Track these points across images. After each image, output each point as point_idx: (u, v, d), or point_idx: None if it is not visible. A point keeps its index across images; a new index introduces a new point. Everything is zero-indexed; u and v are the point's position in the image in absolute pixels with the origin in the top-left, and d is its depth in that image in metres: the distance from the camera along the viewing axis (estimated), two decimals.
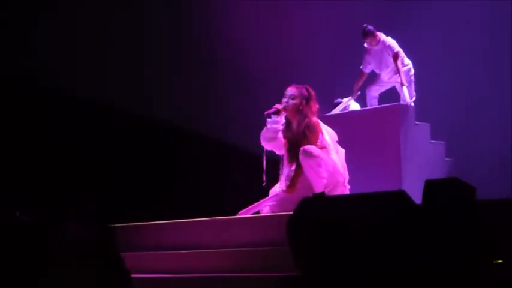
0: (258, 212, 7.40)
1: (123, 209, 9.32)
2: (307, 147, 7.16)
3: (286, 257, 5.00)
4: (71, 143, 10.60)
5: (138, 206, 9.86)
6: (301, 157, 7.17)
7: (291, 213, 4.90)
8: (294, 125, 7.39)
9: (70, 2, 10.89)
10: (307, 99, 7.43)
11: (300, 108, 7.40)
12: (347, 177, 7.40)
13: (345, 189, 7.31)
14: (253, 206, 7.38)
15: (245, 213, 7.30)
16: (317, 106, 7.50)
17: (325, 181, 7.10)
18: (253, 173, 7.84)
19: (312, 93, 7.49)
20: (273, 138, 7.45)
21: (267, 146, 7.51)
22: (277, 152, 7.55)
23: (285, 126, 7.48)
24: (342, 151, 7.47)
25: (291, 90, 7.48)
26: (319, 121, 7.44)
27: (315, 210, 4.73)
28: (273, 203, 7.37)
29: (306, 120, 7.33)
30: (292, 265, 4.78)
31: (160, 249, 7.02)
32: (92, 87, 11.00)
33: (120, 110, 11.24)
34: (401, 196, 4.29)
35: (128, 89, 11.24)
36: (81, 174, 10.52)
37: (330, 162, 7.19)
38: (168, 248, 6.98)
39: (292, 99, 7.43)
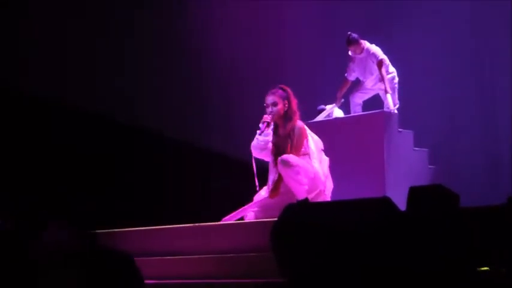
0: (242, 218, 7.41)
1: (112, 215, 9.33)
2: (285, 156, 7.20)
3: (270, 263, 5.00)
4: (66, 146, 10.59)
5: (125, 212, 9.84)
6: (279, 167, 7.22)
7: (275, 219, 4.91)
8: (281, 129, 7.45)
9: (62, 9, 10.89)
10: (288, 99, 7.49)
11: (285, 110, 7.47)
12: (330, 186, 7.42)
13: (326, 198, 7.34)
14: (237, 212, 7.40)
15: (229, 219, 7.31)
16: (296, 101, 7.54)
17: (306, 187, 7.15)
18: (237, 179, 7.86)
19: (288, 89, 7.57)
20: (264, 149, 7.56)
21: (258, 155, 7.61)
22: (267, 160, 7.61)
23: (273, 131, 7.53)
24: (326, 160, 7.51)
25: (270, 98, 7.55)
26: (306, 127, 7.48)
27: (299, 217, 4.74)
28: (257, 208, 7.39)
29: (291, 122, 7.39)
30: (277, 271, 4.78)
31: (145, 256, 7.00)
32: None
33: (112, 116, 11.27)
34: (385, 203, 4.31)
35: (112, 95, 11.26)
36: (74, 177, 10.51)
37: (311, 169, 7.22)
38: (152, 254, 6.97)
39: (275, 105, 7.49)
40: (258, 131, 7.51)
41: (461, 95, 11.05)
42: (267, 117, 7.51)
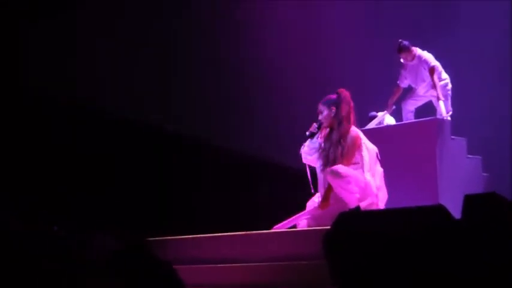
0: (294, 226, 7.39)
1: (162, 223, 9.36)
2: (334, 167, 7.14)
3: (322, 271, 4.98)
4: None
5: (177, 220, 9.87)
6: (329, 177, 7.17)
7: (328, 227, 4.88)
8: (333, 134, 7.40)
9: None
10: (337, 104, 7.43)
11: (332, 115, 7.42)
12: (383, 197, 7.33)
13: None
14: (289, 220, 7.37)
15: (281, 227, 7.30)
16: (348, 106, 7.45)
17: (357, 195, 7.08)
18: (288, 187, 7.84)
19: (343, 93, 7.47)
20: (311, 155, 7.57)
21: (305, 160, 7.62)
22: (314, 165, 7.59)
23: (327, 135, 7.50)
24: (380, 171, 7.39)
25: (319, 106, 7.54)
26: (361, 135, 7.41)
27: (352, 225, 4.71)
28: (309, 216, 7.36)
29: (342, 128, 7.33)
30: (329, 280, 4.76)
31: (195, 263, 7.02)
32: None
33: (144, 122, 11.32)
34: (440, 211, 4.26)
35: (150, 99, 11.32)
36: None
37: (362, 179, 7.15)
38: (203, 262, 6.98)
39: (321, 113, 7.48)
40: (306, 139, 7.54)
41: None
42: (314, 126, 7.52)
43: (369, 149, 7.34)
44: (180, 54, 11.67)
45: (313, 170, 7.63)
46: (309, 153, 7.57)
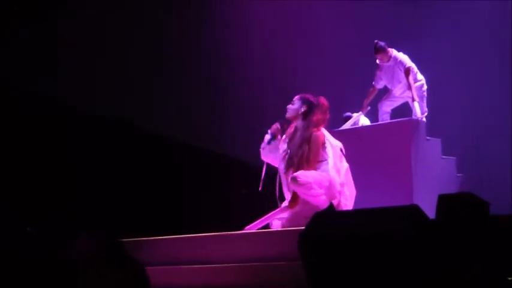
0: (267, 227, 7.36)
1: (135, 223, 9.32)
2: (295, 175, 7.07)
3: (297, 272, 4.96)
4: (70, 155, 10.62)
5: (144, 222, 9.85)
6: (292, 186, 7.14)
7: (302, 228, 4.87)
8: (298, 136, 7.34)
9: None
10: (310, 106, 7.38)
11: (300, 113, 7.37)
12: (349, 194, 7.28)
13: (346, 207, 7.17)
14: (260, 220, 7.34)
15: (252, 227, 7.26)
16: (322, 117, 7.39)
17: (324, 197, 7.04)
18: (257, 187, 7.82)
19: (322, 102, 7.41)
20: (271, 151, 7.59)
21: (266, 159, 7.62)
22: (275, 165, 7.55)
23: (290, 135, 7.45)
24: (345, 167, 7.31)
25: (295, 98, 7.52)
26: (326, 133, 7.37)
27: (326, 225, 4.69)
28: (282, 217, 7.32)
29: (307, 132, 7.28)
30: (304, 280, 4.74)
31: (170, 264, 6.98)
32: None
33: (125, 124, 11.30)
34: (414, 210, 4.26)
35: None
36: (97, 184, 10.54)
37: (326, 178, 7.09)
38: (177, 263, 6.94)
39: (292, 104, 7.44)
40: (265, 140, 7.53)
41: (490, 102, 10.96)
42: (275, 127, 7.51)
43: (332, 145, 7.26)
44: (166, 58, 11.66)
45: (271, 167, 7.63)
46: (269, 150, 7.58)
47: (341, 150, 7.33)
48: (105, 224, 9.25)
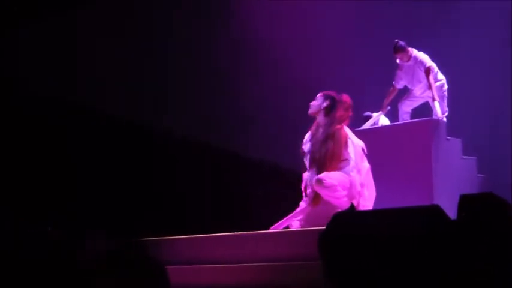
0: (287, 227, 7.36)
1: (157, 223, 9.34)
2: (319, 177, 7.11)
3: (317, 272, 4.95)
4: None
5: (172, 220, 9.85)
6: (316, 187, 7.14)
7: (322, 228, 4.86)
8: (320, 133, 7.36)
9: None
10: (333, 101, 7.39)
11: (322, 108, 7.38)
12: (369, 195, 7.27)
13: (365, 207, 7.18)
14: (283, 220, 7.34)
15: (276, 227, 7.26)
16: (345, 113, 7.42)
17: (345, 199, 7.05)
18: (282, 187, 7.82)
19: (345, 99, 7.43)
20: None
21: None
22: None
23: (313, 133, 7.47)
24: (366, 167, 7.33)
25: (318, 94, 7.55)
26: (348, 132, 7.37)
27: (347, 225, 4.69)
28: (302, 217, 7.32)
29: (330, 128, 7.29)
30: (324, 280, 4.73)
31: (189, 264, 6.99)
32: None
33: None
34: (435, 211, 4.24)
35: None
36: (114, 185, 10.55)
37: (347, 179, 7.11)
38: (198, 263, 6.95)
39: (315, 100, 7.45)
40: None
41: (510, 103, 10.90)
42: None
43: (354, 145, 7.28)
44: (168, 54, 11.67)
45: None
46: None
47: (363, 149, 7.33)
48: (116, 224, 9.27)
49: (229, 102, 11.82)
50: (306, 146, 7.52)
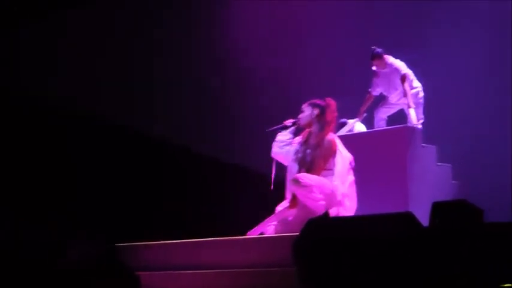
0: (262, 233, 7.36)
1: (126, 228, 9.33)
2: (296, 176, 7.16)
3: (290, 278, 4.96)
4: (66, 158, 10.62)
5: (142, 226, 9.85)
6: (292, 187, 7.18)
7: (296, 234, 4.87)
8: (311, 138, 7.41)
9: None
10: (322, 109, 7.45)
11: (313, 117, 7.43)
12: (351, 207, 7.26)
13: None
14: (259, 225, 7.35)
15: (253, 233, 7.27)
16: (334, 115, 7.48)
17: (323, 202, 7.07)
18: (260, 193, 7.83)
19: (330, 102, 7.49)
20: (281, 148, 7.61)
21: (276, 156, 7.64)
22: (285, 164, 7.59)
23: (305, 138, 7.51)
24: (350, 179, 7.36)
25: (303, 106, 7.60)
26: (338, 142, 7.41)
27: (321, 232, 4.70)
28: (277, 222, 7.33)
29: (322, 133, 7.34)
30: (299, 286, 4.74)
31: (167, 269, 6.99)
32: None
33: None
34: (408, 218, 4.27)
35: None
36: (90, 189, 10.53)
37: (328, 185, 7.14)
38: (172, 268, 6.95)
39: (302, 112, 7.49)
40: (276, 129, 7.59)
41: (486, 110, 10.96)
42: (288, 121, 7.57)
43: (342, 156, 7.33)
44: (166, 61, 11.67)
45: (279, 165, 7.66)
46: (279, 146, 7.59)
47: (350, 162, 7.39)
48: (103, 228, 9.25)
49: (212, 107, 11.85)
50: (295, 149, 7.54)
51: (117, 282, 5.12)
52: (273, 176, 7.51)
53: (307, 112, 7.51)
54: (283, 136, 7.64)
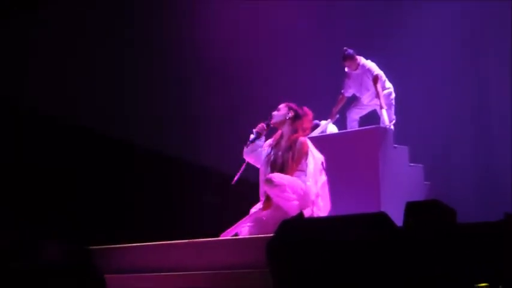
0: (236, 234, 7.36)
1: (98, 231, 9.30)
2: (269, 175, 7.20)
3: (265, 279, 4.96)
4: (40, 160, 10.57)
5: (113, 228, 9.83)
6: (265, 187, 7.20)
7: (270, 235, 4.87)
8: (283, 140, 7.43)
9: None
10: (297, 114, 7.47)
11: (287, 118, 7.45)
12: (325, 207, 7.29)
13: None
14: (233, 227, 7.35)
15: (226, 234, 7.27)
16: (308, 125, 7.57)
17: (296, 203, 7.09)
18: (232, 195, 7.84)
19: (308, 112, 7.56)
20: (253, 151, 7.60)
21: (248, 158, 7.63)
22: (257, 166, 7.59)
23: (276, 140, 7.52)
24: (322, 180, 7.38)
25: (280, 105, 7.61)
26: (309, 143, 7.44)
27: (294, 233, 4.70)
28: (251, 223, 7.34)
29: (295, 136, 7.36)
30: (273, 287, 4.74)
31: (140, 272, 6.96)
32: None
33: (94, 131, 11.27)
34: (382, 218, 4.28)
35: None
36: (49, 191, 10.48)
37: (301, 186, 7.16)
38: (146, 271, 6.92)
39: (278, 110, 7.51)
40: (250, 139, 7.57)
41: (457, 110, 11.04)
42: (261, 126, 7.56)
43: (314, 157, 7.36)
44: (139, 66, 11.66)
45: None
46: (251, 148, 7.60)
47: (322, 163, 7.41)
48: (74, 231, 9.22)
49: (179, 107, 11.83)
50: (267, 151, 7.56)
51: (84, 284, 5.10)
52: (238, 174, 7.51)
53: (282, 111, 7.54)
54: (255, 140, 7.63)
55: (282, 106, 7.60)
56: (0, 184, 9.98)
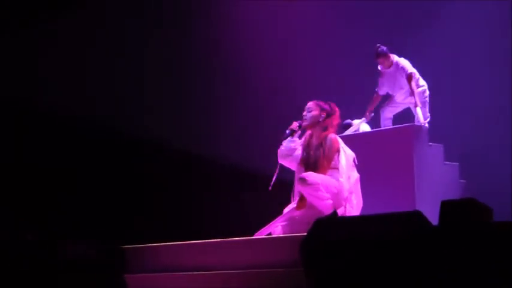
0: (270, 234, 7.35)
1: (131, 229, 9.32)
2: (302, 174, 7.16)
3: (298, 278, 4.94)
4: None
5: (146, 227, 9.85)
6: (299, 186, 7.17)
7: (304, 234, 4.85)
8: (314, 139, 7.40)
9: None
10: (329, 113, 7.43)
11: (320, 120, 7.41)
12: (356, 203, 7.25)
13: (349, 214, 7.16)
14: (267, 226, 7.33)
15: (260, 233, 7.26)
16: (337, 122, 7.53)
17: (330, 201, 7.05)
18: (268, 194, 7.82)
19: (336, 109, 7.51)
20: (288, 155, 7.54)
21: (283, 161, 7.59)
22: (293, 169, 7.57)
23: (307, 140, 7.49)
24: (355, 176, 7.33)
25: (309, 104, 7.54)
26: (340, 140, 7.40)
27: (328, 231, 4.68)
28: (285, 222, 7.32)
29: (325, 133, 7.33)
30: (306, 287, 4.72)
31: (173, 271, 6.97)
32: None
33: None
34: (417, 217, 4.24)
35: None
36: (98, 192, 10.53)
37: (335, 184, 7.12)
38: (180, 270, 6.93)
39: (309, 111, 7.47)
40: (284, 136, 7.53)
41: (493, 106, 10.92)
42: (294, 124, 7.52)
43: (346, 154, 7.32)
44: (155, 60, 11.67)
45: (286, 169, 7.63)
46: (286, 153, 7.54)
47: (354, 160, 7.37)
48: (101, 229, 9.25)
49: (210, 110, 11.85)
50: (299, 153, 7.53)
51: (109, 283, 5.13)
52: (274, 178, 7.48)
53: (315, 112, 7.48)
54: (288, 142, 7.58)
55: (312, 105, 7.52)
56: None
